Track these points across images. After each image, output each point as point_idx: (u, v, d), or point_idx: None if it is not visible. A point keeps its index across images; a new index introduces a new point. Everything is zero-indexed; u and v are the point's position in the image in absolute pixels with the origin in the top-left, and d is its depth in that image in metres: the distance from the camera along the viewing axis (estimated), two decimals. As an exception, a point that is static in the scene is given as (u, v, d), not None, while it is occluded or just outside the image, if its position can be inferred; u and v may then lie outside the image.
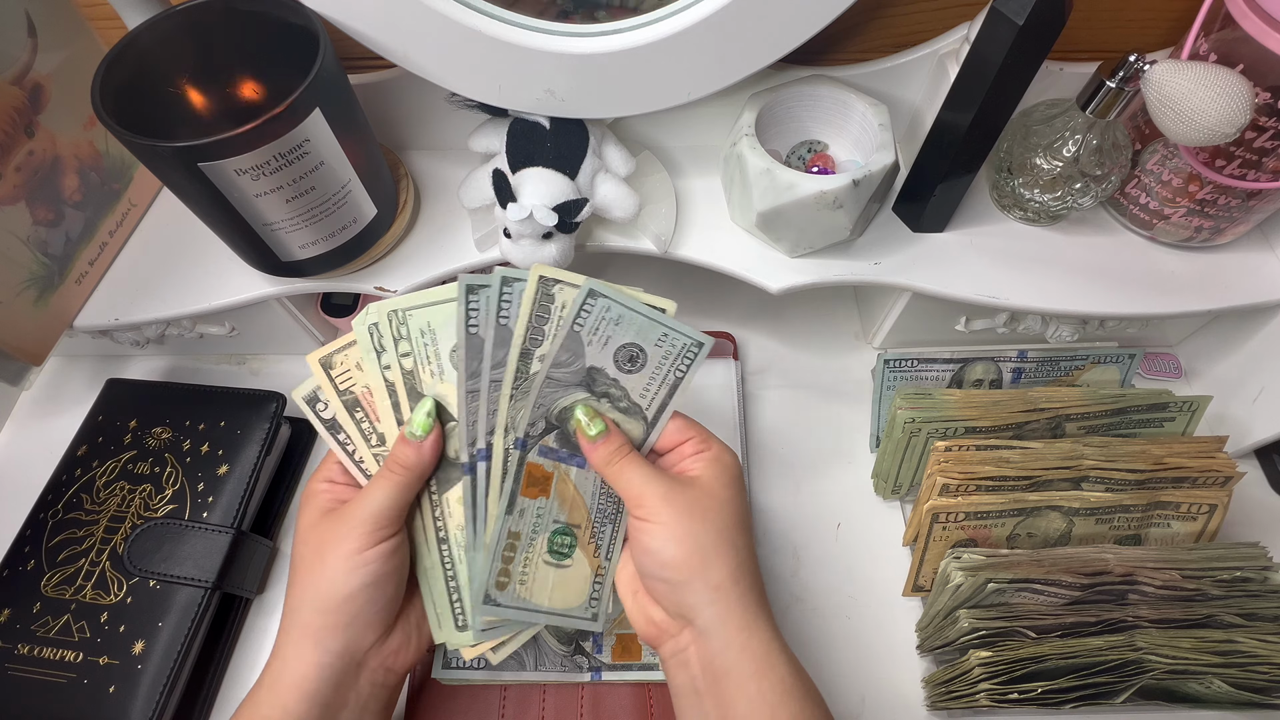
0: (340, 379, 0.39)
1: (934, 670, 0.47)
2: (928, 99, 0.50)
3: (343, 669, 0.36)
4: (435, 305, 0.38)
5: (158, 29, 0.41)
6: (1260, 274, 0.50)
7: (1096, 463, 0.46)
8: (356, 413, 0.39)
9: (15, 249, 0.45)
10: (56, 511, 0.50)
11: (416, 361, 0.38)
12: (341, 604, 0.35)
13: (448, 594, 0.39)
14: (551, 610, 0.39)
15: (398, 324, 0.38)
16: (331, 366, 0.38)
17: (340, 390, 0.38)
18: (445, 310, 0.38)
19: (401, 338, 0.38)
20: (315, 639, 0.35)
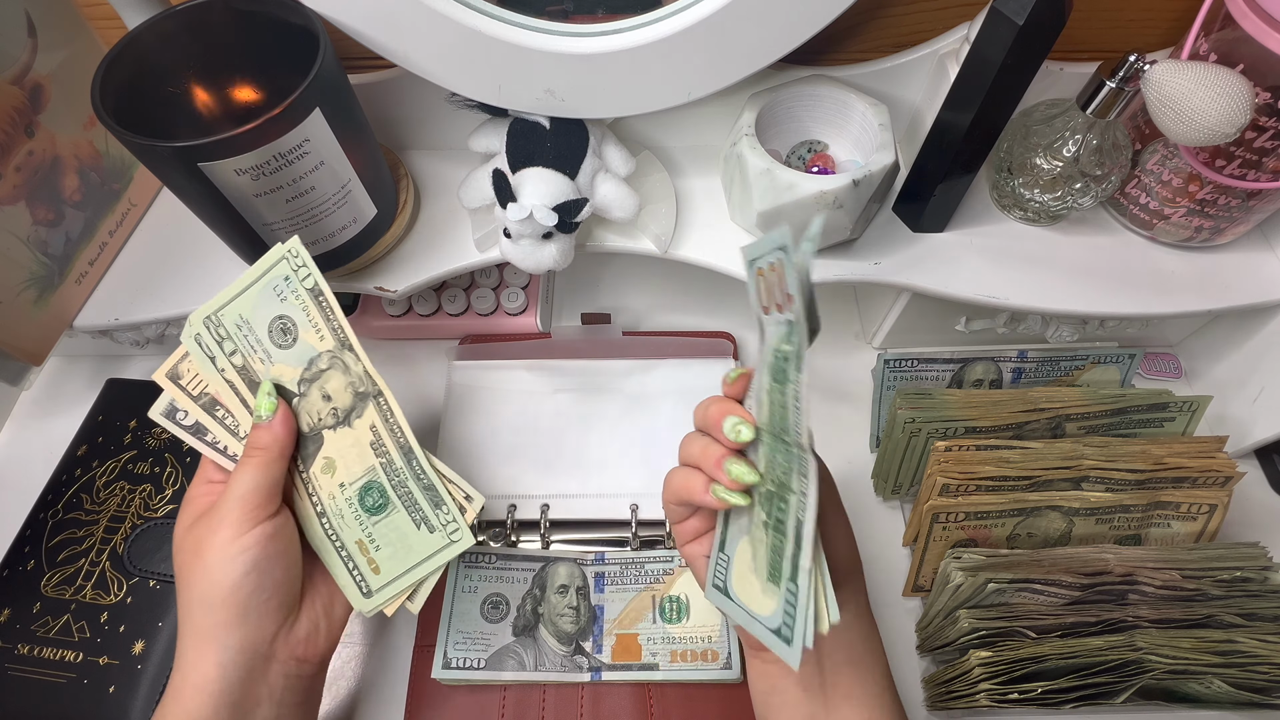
0: (192, 385, 0.39)
1: (934, 670, 0.47)
2: (928, 99, 0.50)
3: (247, 664, 0.35)
4: (239, 297, 0.38)
5: (158, 29, 0.41)
6: (1260, 274, 0.50)
7: (1096, 463, 0.46)
8: (218, 410, 0.39)
9: (15, 249, 0.45)
10: (56, 511, 0.50)
11: (245, 356, 0.38)
12: (228, 596, 0.34)
13: (343, 564, 0.39)
14: (754, 615, 0.33)
15: (215, 327, 0.38)
16: (180, 377, 0.39)
17: (195, 396, 0.39)
18: (249, 298, 0.38)
19: (224, 338, 0.38)
20: (210, 637, 0.34)
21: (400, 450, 0.39)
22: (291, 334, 0.39)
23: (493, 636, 0.47)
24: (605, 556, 0.51)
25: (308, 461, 0.39)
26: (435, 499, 0.40)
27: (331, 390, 0.39)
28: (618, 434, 0.55)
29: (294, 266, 0.38)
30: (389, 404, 0.39)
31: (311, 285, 0.38)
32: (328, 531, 0.39)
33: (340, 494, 0.39)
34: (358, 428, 0.39)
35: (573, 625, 0.48)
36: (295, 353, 0.39)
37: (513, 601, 0.48)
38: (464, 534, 0.40)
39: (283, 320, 0.38)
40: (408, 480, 0.39)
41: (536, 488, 0.53)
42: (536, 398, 0.57)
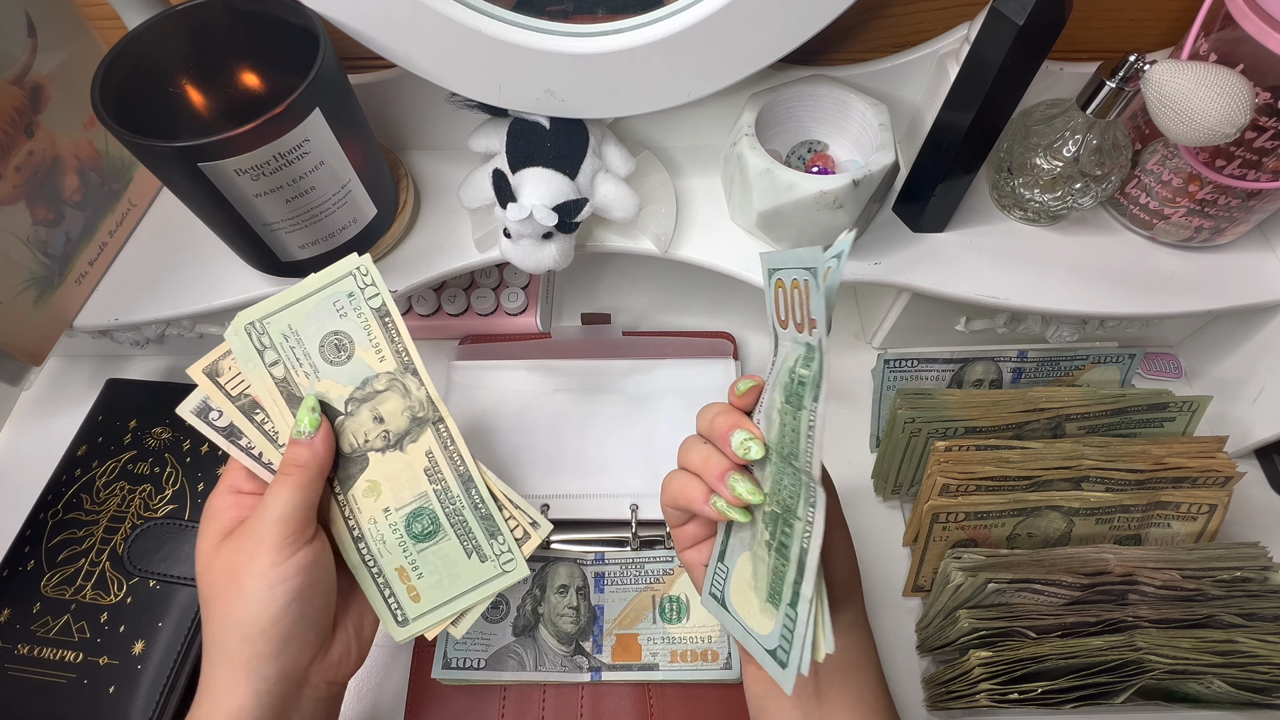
0: (231, 384, 0.37)
1: (934, 670, 0.47)
2: (928, 99, 0.50)
3: (283, 693, 0.33)
4: (292, 306, 0.36)
5: (158, 29, 0.41)
6: (1260, 274, 0.50)
7: (1096, 463, 0.46)
8: (257, 414, 0.37)
9: (15, 249, 0.45)
10: (56, 511, 0.50)
11: (287, 367, 0.37)
12: (269, 627, 0.33)
13: (379, 591, 0.38)
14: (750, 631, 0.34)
15: (258, 334, 0.36)
16: (219, 374, 0.37)
17: (234, 396, 0.37)
18: (302, 309, 0.36)
19: (266, 346, 0.36)
20: (247, 668, 0.33)
21: (459, 478, 0.38)
22: (346, 351, 0.37)
23: (492, 637, 0.47)
24: (605, 556, 0.51)
25: (347, 484, 0.37)
26: (491, 529, 0.38)
27: (386, 412, 0.38)
28: (618, 434, 0.55)
29: (361, 284, 0.37)
30: (450, 431, 0.38)
31: (379, 305, 0.37)
32: (365, 557, 0.37)
33: (384, 519, 0.37)
34: (410, 453, 0.38)
35: (573, 625, 0.48)
36: (347, 370, 0.37)
37: (512, 602, 0.49)
38: (518, 565, 0.38)
39: (338, 336, 0.37)
40: (464, 509, 0.38)
41: (537, 488, 0.53)
42: (536, 398, 0.57)
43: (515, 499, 0.39)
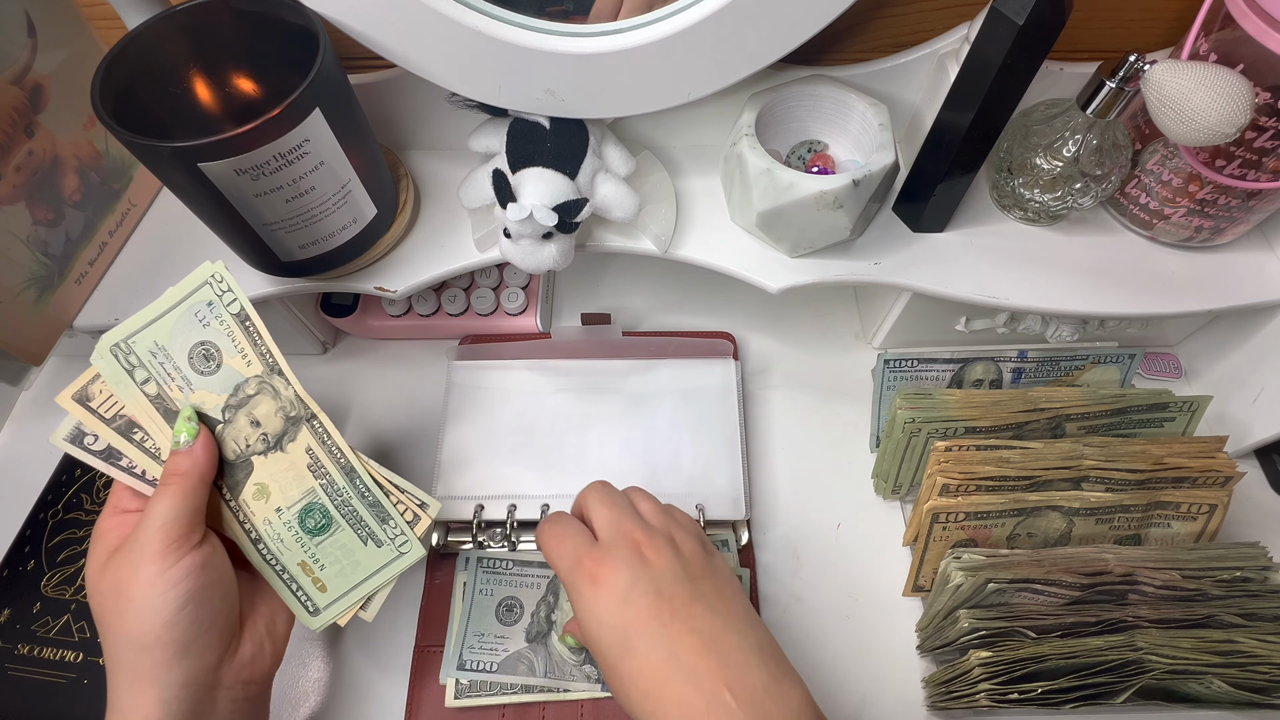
0: (104, 407, 0.37)
1: (934, 670, 0.47)
2: (928, 99, 0.50)
3: (192, 698, 0.33)
4: (154, 323, 0.37)
5: (158, 29, 0.41)
6: (1260, 274, 0.50)
7: (1096, 463, 0.46)
8: (135, 433, 0.37)
9: (15, 249, 0.45)
10: (56, 511, 0.50)
11: (160, 384, 0.37)
12: (163, 634, 0.33)
13: (285, 586, 0.39)
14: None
15: (124, 355, 0.37)
16: (90, 399, 0.37)
17: (108, 418, 0.37)
18: (165, 324, 0.37)
19: (136, 365, 0.37)
20: (150, 677, 0.32)
21: (341, 470, 0.39)
22: (215, 360, 0.38)
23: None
24: None
25: (236, 489, 0.38)
26: (382, 515, 0.40)
27: (260, 415, 0.38)
28: (618, 434, 0.55)
29: (218, 292, 0.37)
30: (324, 426, 0.39)
31: (237, 310, 0.38)
32: (266, 556, 0.39)
33: (277, 518, 0.39)
34: (291, 452, 0.39)
35: None
36: (219, 379, 0.38)
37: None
38: (413, 546, 0.40)
39: (205, 346, 0.38)
40: (351, 499, 0.39)
41: (536, 488, 0.53)
42: (536, 398, 0.57)
43: (400, 483, 0.40)
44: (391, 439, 0.58)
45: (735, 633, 0.34)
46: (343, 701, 0.47)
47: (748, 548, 0.52)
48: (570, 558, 0.36)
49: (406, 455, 0.57)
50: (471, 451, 0.54)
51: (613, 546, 0.36)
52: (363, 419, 0.59)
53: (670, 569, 0.35)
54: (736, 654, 0.33)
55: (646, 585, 0.34)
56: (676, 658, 0.32)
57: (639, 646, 0.33)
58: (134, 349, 0.37)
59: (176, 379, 0.37)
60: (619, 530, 0.37)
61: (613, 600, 0.34)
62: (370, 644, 0.49)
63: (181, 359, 0.37)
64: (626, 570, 0.34)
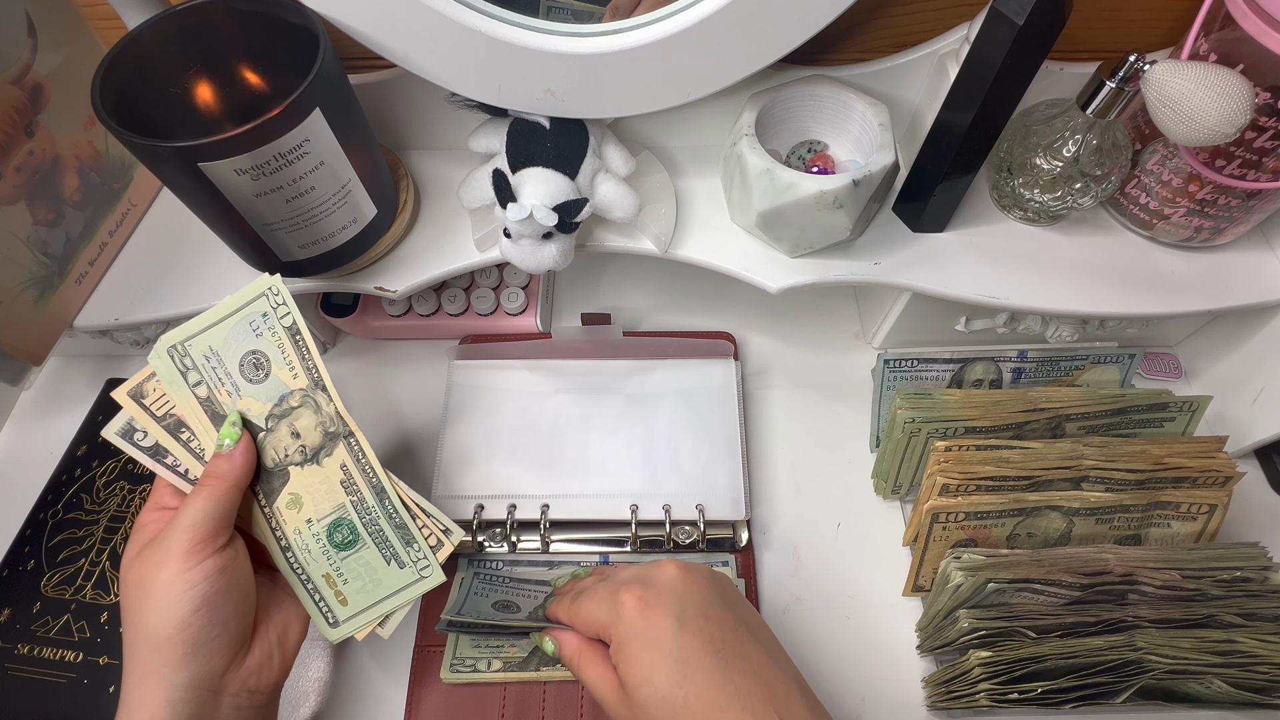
0: (156, 405, 0.39)
1: (934, 670, 0.47)
2: (928, 99, 0.50)
3: (197, 700, 0.33)
4: (211, 329, 0.38)
5: (158, 29, 0.41)
6: (1260, 274, 0.50)
7: (1096, 463, 0.46)
8: (183, 433, 0.39)
9: (15, 249, 0.45)
10: (56, 511, 0.50)
11: (210, 388, 0.38)
12: (176, 633, 0.33)
13: (309, 595, 0.40)
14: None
15: (180, 357, 0.38)
16: (144, 396, 0.39)
17: (159, 416, 0.39)
18: (221, 331, 0.38)
19: (189, 368, 0.38)
20: (158, 676, 0.33)
21: (372, 489, 0.40)
22: (264, 369, 0.39)
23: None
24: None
25: (271, 497, 0.39)
26: (407, 537, 0.40)
27: (301, 428, 0.39)
28: (618, 434, 0.55)
29: (273, 304, 0.39)
30: (360, 444, 0.40)
31: (290, 324, 0.39)
32: (293, 565, 0.39)
33: (307, 529, 0.39)
34: (327, 466, 0.40)
35: None
36: (265, 388, 0.39)
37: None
38: (435, 571, 0.41)
39: (256, 355, 0.39)
40: (379, 519, 0.40)
41: (536, 488, 0.53)
42: (536, 398, 0.57)
43: (428, 508, 0.41)
44: (391, 439, 0.58)
45: (776, 663, 0.35)
46: (343, 701, 0.47)
47: (748, 548, 0.52)
48: (609, 601, 0.36)
49: (406, 455, 0.57)
50: (471, 451, 0.54)
51: (652, 575, 0.36)
52: (363, 419, 0.58)
53: (709, 595, 0.36)
54: (780, 685, 0.34)
55: (695, 610, 0.34)
56: (732, 682, 0.33)
57: (696, 673, 0.33)
58: (190, 352, 0.38)
59: (226, 384, 0.39)
60: (646, 571, 0.37)
61: (668, 625, 0.34)
62: (371, 644, 0.49)
63: (233, 365, 0.39)
64: (673, 597, 0.35)
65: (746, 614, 0.37)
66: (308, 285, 0.50)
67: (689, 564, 0.37)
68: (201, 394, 0.38)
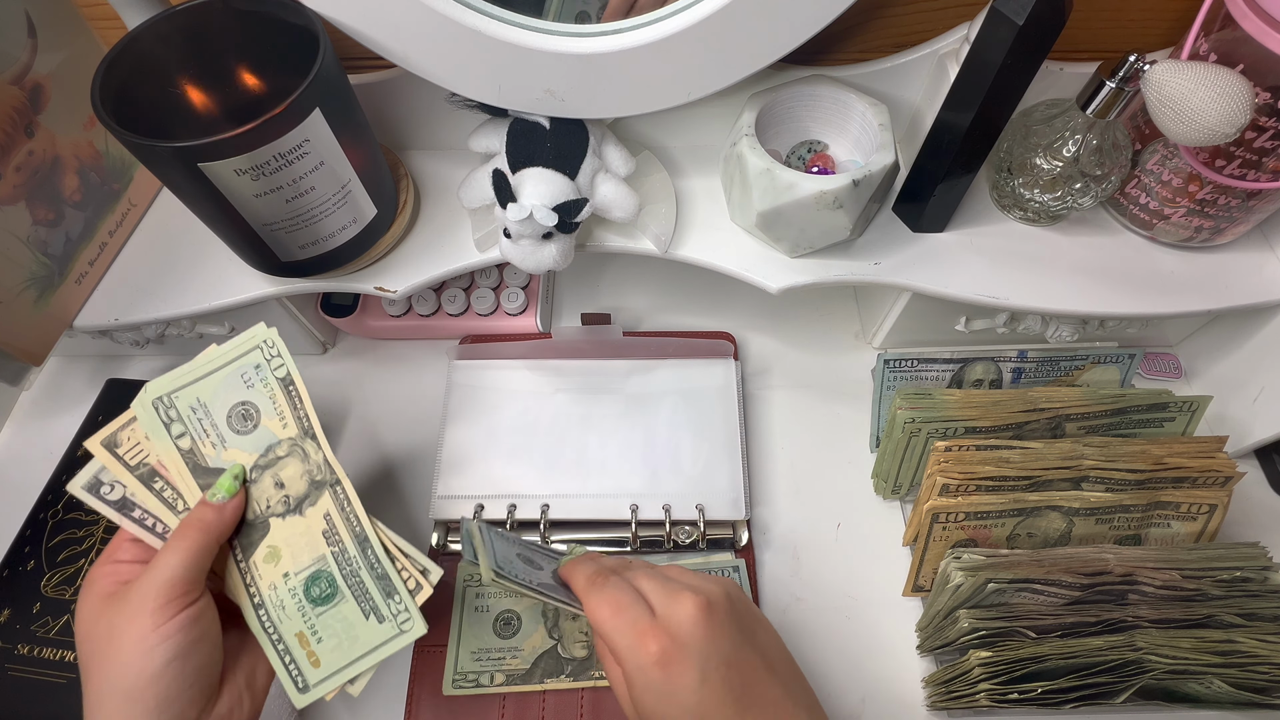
0: (130, 454, 0.38)
1: (934, 670, 0.47)
2: (928, 99, 0.50)
3: None
4: (201, 381, 0.38)
5: (158, 29, 0.41)
6: (1260, 274, 0.50)
7: (1096, 463, 0.46)
8: (156, 483, 0.38)
9: (15, 249, 0.45)
10: (56, 511, 0.50)
11: (194, 439, 0.38)
12: (148, 687, 0.32)
13: (279, 658, 0.37)
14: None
15: (165, 408, 0.37)
16: (117, 445, 0.38)
17: (132, 465, 0.38)
18: (211, 382, 0.38)
19: (174, 420, 0.37)
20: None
21: (355, 539, 0.39)
22: (253, 420, 0.38)
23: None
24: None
25: (249, 550, 0.38)
26: (388, 588, 0.38)
27: (286, 477, 0.38)
28: (618, 434, 0.55)
29: (267, 356, 0.38)
30: (346, 492, 0.39)
31: (284, 375, 0.39)
32: (264, 624, 0.38)
33: (283, 584, 0.38)
34: (309, 516, 0.38)
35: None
36: (253, 439, 0.38)
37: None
38: (415, 624, 0.38)
39: (245, 406, 0.38)
40: (360, 570, 0.38)
41: (536, 488, 0.53)
42: (536, 398, 0.57)
43: (407, 549, 0.39)
44: (391, 439, 0.58)
45: (792, 697, 0.34)
46: (342, 700, 0.47)
47: (748, 548, 0.52)
48: (631, 633, 0.33)
49: (407, 456, 0.57)
50: (471, 451, 0.54)
51: (675, 619, 0.33)
52: (363, 419, 0.59)
53: (733, 636, 0.34)
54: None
55: (718, 659, 0.33)
56: None
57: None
58: (175, 403, 0.38)
59: (212, 436, 0.38)
60: (673, 597, 0.34)
61: (689, 682, 0.32)
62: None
63: (220, 417, 0.38)
64: (698, 651, 0.33)
65: (765, 642, 0.35)
66: (308, 285, 0.50)
67: (712, 602, 0.34)
68: (184, 445, 0.38)
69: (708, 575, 0.37)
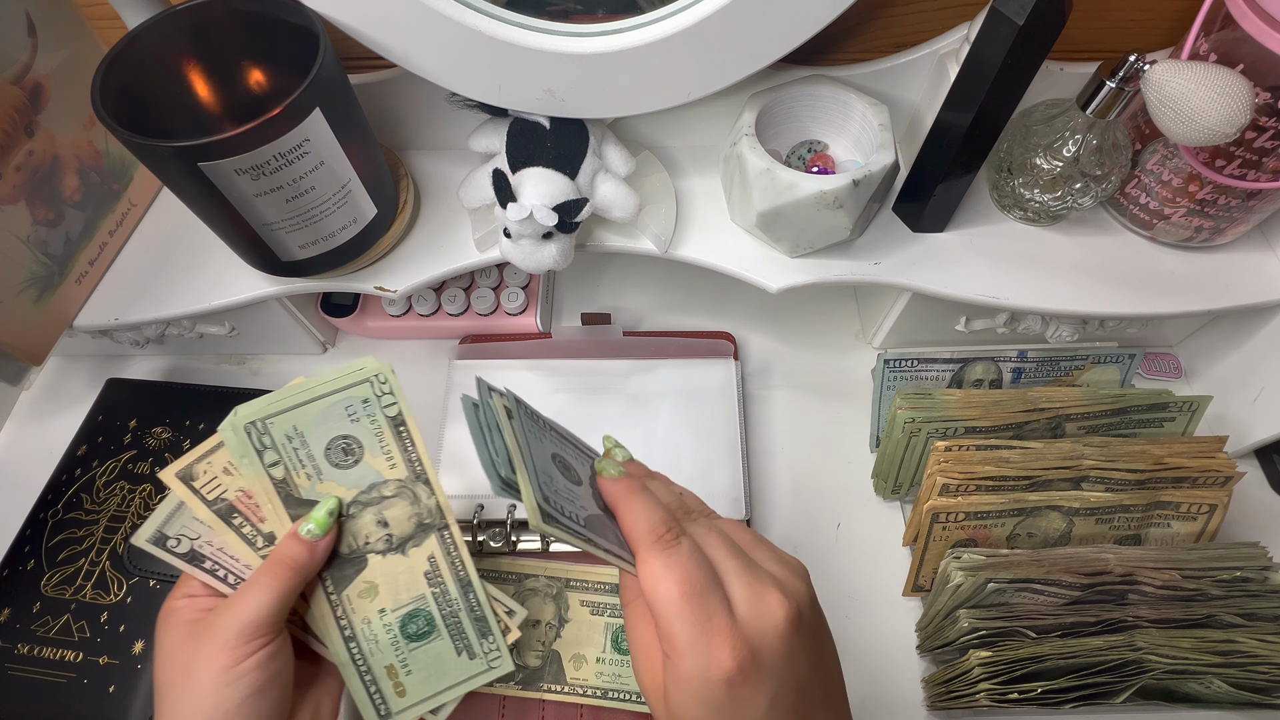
0: (208, 489, 0.36)
1: (934, 670, 0.47)
2: (928, 99, 0.50)
3: None
4: (300, 408, 0.35)
5: (158, 29, 0.41)
6: (1260, 274, 0.50)
7: (1096, 463, 0.46)
8: (234, 518, 0.36)
9: (15, 249, 0.45)
10: (56, 511, 0.50)
11: (288, 469, 0.35)
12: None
13: (364, 687, 0.37)
14: None
15: (259, 435, 0.35)
16: (194, 478, 0.36)
17: (210, 500, 0.36)
18: (310, 411, 0.35)
19: (267, 447, 0.35)
20: None
21: (458, 582, 0.38)
22: (354, 455, 0.36)
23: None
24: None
25: (342, 584, 0.36)
26: (484, 629, 0.38)
27: (391, 518, 0.37)
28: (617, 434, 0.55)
29: (377, 392, 0.36)
30: (454, 538, 0.38)
31: (395, 414, 0.36)
32: (354, 655, 0.37)
33: (378, 619, 0.37)
34: (413, 556, 0.37)
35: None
36: (353, 475, 0.36)
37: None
38: (504, 661, 0.38)
39: (347, 440, 0.36)
40: (460, 611, 0.38)
41: (536, 488, 0.53)
42: (536, 398, 0.56)
43: (495, 592, 0.39)
44: (391, 439, 0.57)
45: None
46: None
47: (748, 548, 0.52)
48: (703, 631, 0.28)
49: (406, 455, 0.57)
50: (471, 451, 0.54)
51: (761, 628, 0.29)
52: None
53: (810, 655, 0.30)
54: None
55: (793, 683, 0.29)
56: None
57: None
58: (270, 430, 0.35)
59: (307, 467, 0.35)
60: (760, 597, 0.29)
61: (757, 708, 0.28)
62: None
63: (318, 449, 0.36)
64: (775, 672, 0.29)
65: (831, 662, 0.32)
66: (308, 285, 0.50)
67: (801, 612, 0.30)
68: (277, 474, 0.35)
69: (787, 560, 0.32)
